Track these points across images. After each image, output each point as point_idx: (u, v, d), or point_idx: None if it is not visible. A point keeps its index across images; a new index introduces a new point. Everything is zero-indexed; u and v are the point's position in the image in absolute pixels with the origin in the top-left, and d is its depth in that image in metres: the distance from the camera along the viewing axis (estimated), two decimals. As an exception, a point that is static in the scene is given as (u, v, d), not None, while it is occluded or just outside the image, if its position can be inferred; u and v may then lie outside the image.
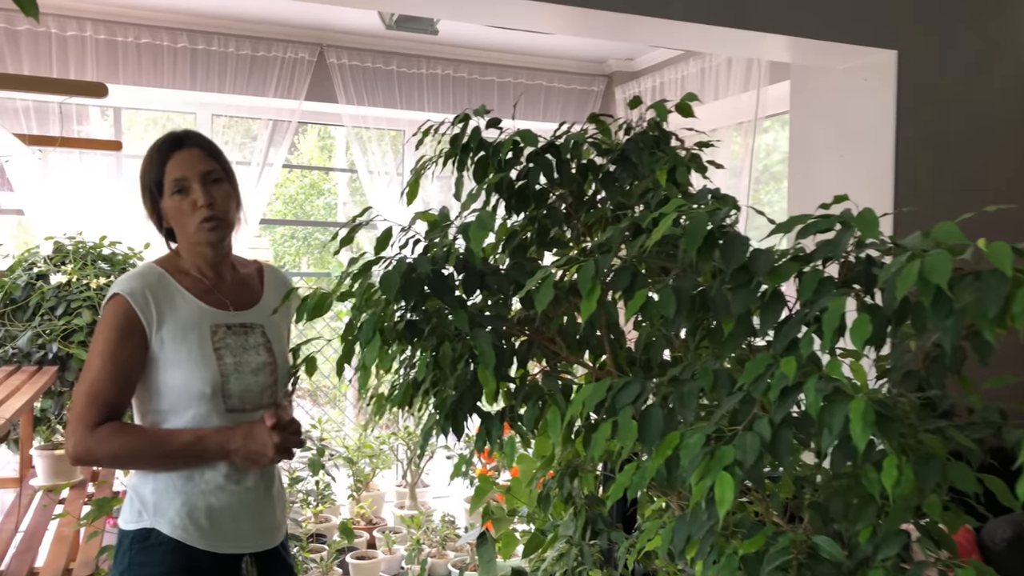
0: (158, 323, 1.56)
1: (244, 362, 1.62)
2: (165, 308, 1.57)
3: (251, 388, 1.62)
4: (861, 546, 1.15)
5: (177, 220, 1.63)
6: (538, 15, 2.63)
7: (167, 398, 1.57)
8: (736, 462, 1.00)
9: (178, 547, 1.54)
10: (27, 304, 3.36)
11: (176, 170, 1.61)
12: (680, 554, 1.37)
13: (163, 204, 1.64)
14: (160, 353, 1.56)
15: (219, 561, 1.57)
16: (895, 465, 0.96)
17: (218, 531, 1.58)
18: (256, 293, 1.75)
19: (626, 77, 5.08)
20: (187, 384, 1.55)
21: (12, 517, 2.56)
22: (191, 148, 1.63)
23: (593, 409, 1.23)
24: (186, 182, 1.61)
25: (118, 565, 1.55)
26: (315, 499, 4.11)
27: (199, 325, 1.60)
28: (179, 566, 1.54)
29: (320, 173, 9.19)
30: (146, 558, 1.53)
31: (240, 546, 1.61)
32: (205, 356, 1.57)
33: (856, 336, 0.96)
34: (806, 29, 2.87)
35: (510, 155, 1.67)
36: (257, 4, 4.07)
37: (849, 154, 3.15)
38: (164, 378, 1.57)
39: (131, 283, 1.57)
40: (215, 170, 1.65)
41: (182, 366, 1.56)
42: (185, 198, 1.61)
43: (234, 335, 1.64)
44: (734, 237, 1.11)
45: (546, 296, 1.24)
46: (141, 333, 1.55)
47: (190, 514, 1.56)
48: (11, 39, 3.90)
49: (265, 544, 1.66)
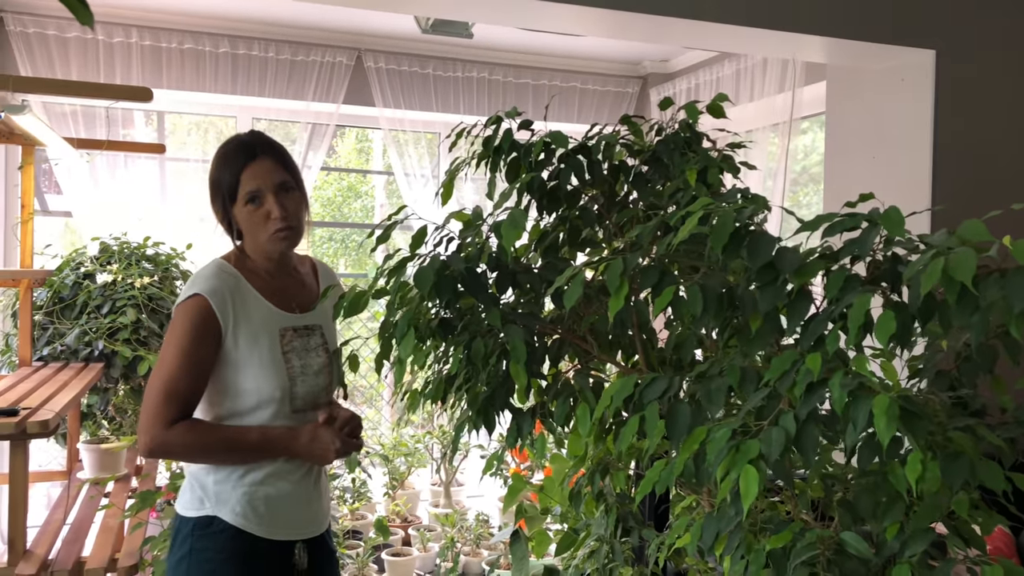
0: (234, 324, 1.61)
1: (308, 364, 1.68)
2: (240, 310, 1.62)
3: (313, 389, 1.69)
4: (888, 543, 1.15)
5: (249, 228, 1.67)
6: (573, 18, 2.65)
7: (237, 399, 1.63)
8: (761, 456, 1.02)
9: (238, 534, 1.60)
10: (74, 302, 3.46)
11: (251, 182, 1.64)
12: (709, 550, 1.39)
13: (235, 211, 1.67)
14: (233, 354, 1.61)
15: (274, 547, 1.64)
16: (919, 460, 0.97)
17: (274, 519, 1.64)
18: (315, 293, 1.81)
19: (661, 79, 5.08)
20: (258, 387, 1.61)
21: (60, 509, 2.64)
22: (265, 158, 1.66)
23: (621, 404, 1.25)
24: (260, 193, 1.65)
25: (178, 549, 1.61)
26: (351, 496, 4.17)
27: (269, 329, 1.65)
28: (239, 552, 1.60)
29: (358, 176, 9.29)
30: (207, 543, 1.60)
31: (293, 533, 1.68)
32: (275, 361, 1.63)
33: (881, 332, 0.97)
34: (843, 29, 2.86)
35: (542, 156, 1.69)
36: (297, 9, 4.15)
37: (885, 155, 3.13)
38: (236, 379, 1.62)
39: (211, 282, 1.61)
40: (288, 180, 1.69)
41: (254, 369, 1.61)
42: (258, 208, 1.65)
43: (299, 338, 1.70)
44: (760, 235, 1.12)
45: (575, 293, 1.27)
46: (217, 332, 1.59)
47: (250, 503, 1.62)
48: (61, 45, 4.01)
49: (314, 531, 1.73)
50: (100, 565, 2.18)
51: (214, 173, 1.69)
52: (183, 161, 4.53)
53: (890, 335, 0.97)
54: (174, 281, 3.68)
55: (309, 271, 1.85)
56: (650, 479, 1.32)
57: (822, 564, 1.19)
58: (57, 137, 3.00)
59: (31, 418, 2.15)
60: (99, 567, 2.18)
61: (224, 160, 1.67)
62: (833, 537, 1.19)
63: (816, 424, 1.05)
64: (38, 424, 2.12)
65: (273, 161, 1.68)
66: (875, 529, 1.21)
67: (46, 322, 3.43)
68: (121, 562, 2.22)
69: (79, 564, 2.19)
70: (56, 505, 2.70)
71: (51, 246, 3.65)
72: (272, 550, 1.64)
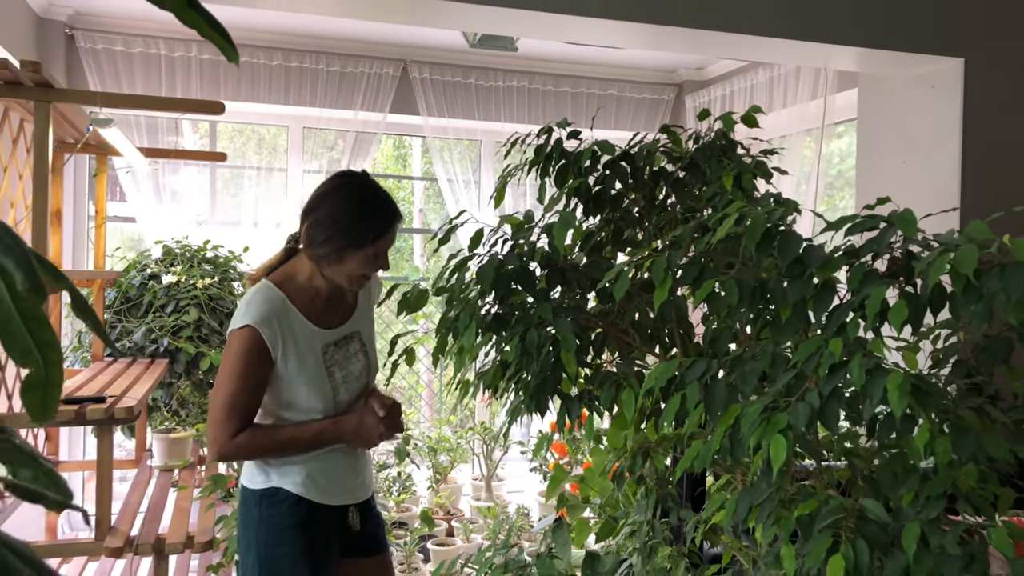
0: (283, 347, 1.79)
1: (349, 372, 1.88)
2: (287, 334, 1.80)
3: (354, 392, 1.91)
4: (904, 510, 1.29)
5: (351, 266, 1.82)
6: (615, 32, 2.81)
7: (289, 409, 1.84)
8: (789, 427, 1.16)
9: (299, 501, 1.82)
10: (141, 302, 3.68)
11: (388, 242, 1.83)
12: (743, 524, 1.54)
13: (352, 255, 1.80)
14: (284, 373, 1.80)
15: (331, 511, 1.87)
16: (928, 430, 1.11)
17: (331, 487, 1.86)
18: (353, 302, 1.98)
19: (696, 86, 5.21)
20: (307, 401, 1.82)
21: (136, 492, 2.85)
22: (398, 223, 1.87)
23: (664, 384, 1.40)
24: (384, 251, 1.85)
25: (248, 517, 1.81)
26: (398, 489, 4.35)
27: (313, 348, 1.83)
28: (302, 517, 1.82)
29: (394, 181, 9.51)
30: (274, 511, 1.81)
31: (346, 498, 1.90)
32: (320, 377, 1.83)
33: (895, 317, 1.12)
34: (874, 39, 2.99)
35: (588, 163, 1.85)
36: (346, 23, 4.35)
37: (915, 160, 3.24)
38: (288, 394, 1.82)
39: (260, 314, 1.76)
40: None
41: (303, 386, 1.81)
42: (373, 262, 1.83)
43: (339, 349, 1.89)
44: (790, 234, 1.27)
45: (623, 286, 1.42)
46: (268, 357, 1.78)
47: (309, 475, 1.83)
48: (127, 60, 4.26)
49: (363, 496, 1.95)
50: (179, 540, 2.38)
51: (350, 215, 1.79)
52: (233, 168, 4.77)
53: (902, 320, 1.11)
54: (232, 282, 3.89)
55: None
56: (689, 456, 1.47)
57: (846, 529, 1.33)
58: (132, 147, 3.22)
59: (117, 404, 2.35)
60: (178, 542, 2.37)
61: (370, 213, 1.80)
62: (855, 505, 1.33)
63: (838, 401, 1.19)
64: (124, 410, 2.32)
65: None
66: (893, 498, 1.35)
67: (115, 320, 3.66)
68: (197, 538, 2.42)
69: (160, 540, 2.39)
70: (132, 489, 2.91)
71: (119, 249, 3.87)
72: (329, 514, 1.86)
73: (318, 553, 1.83)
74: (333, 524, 1.88)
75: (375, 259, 1.83)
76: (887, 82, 3.38)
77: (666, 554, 2.16)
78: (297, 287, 1.85)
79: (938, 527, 1.25)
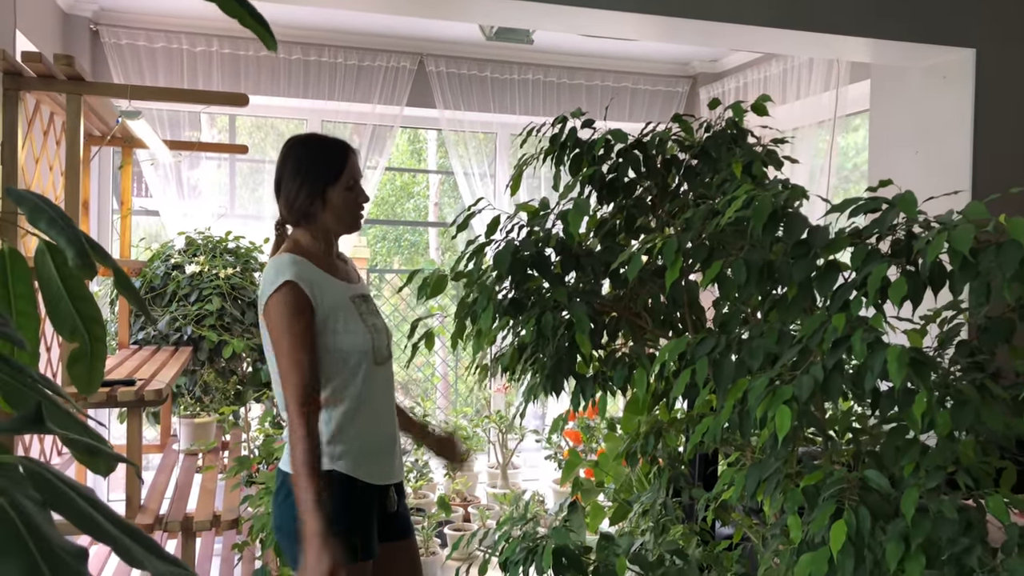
0: (321, 299, 1.86)
1: (375, 324, 1.95)
2: (318, 288, 1.87)
3: (381, 345, 1.95)
4: (905, 480, 1.35)
5: (341, 208, 1.92)
6: (630, 24, 2.86)
7: (338, 360, 1.87)
8: (794, 398, 1.22)
9: (349, 481, 1.86)
10: (165, 291, 3.77)
11: (354, 171, 1.93)
12: (752, 498, 1.59)
13: (330, 193, 1.90)
14: (324, 324, 1.86)
15: (370, 490, 1.90)
16: (924, 399, 1.16)
17: (375, 466, 1.91)
18: (355, 270, 2.08)
19: (710, 78, 5.25)
20: (352, 346, 1.87)
21: (163, 474, 2.93)
22: (355, 154, 1.96)
23: (675, 360, 1.46)
24: (356, 181, 1.93)
25: (284, 497, 1.85)
26: (415, 476, 4.43)
27: (344, 299, 1.91)
28: (351, 497, 1.86)
29: (410, 176, 9.59)
30: (325, 494, 1.78)
31: (388, 478, 1.95)
32: (357, 322, 1.90)
33: (894, 294, 1.17)
34: (886, 31, 3.02)
35: (601, 151, 1.91)
36: (364, 18, 4.42)
37: (928, 150, 3.27)
38: (335, 343, 1.87)
39: (294, 270, 1.84)
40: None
41: (346, 332, 1.87)
42: (353, 193, 1.92)
43: (364, 303, 1.97)
44: (795, 215, 1.33)
45: (635, 266, 1.48)
46: (310, 307, 1.84)
47: (356, 454, 1.88)
48: (149, 55, 4.35)
49: (399, 477, 2.01)
50: (206, 518, 2.46)
51: (314, 161, 1.92)
52: (252, 162, 4.86)
53: (902, 296, 1.17)
54: (253, 272, 3.98)
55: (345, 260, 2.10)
56: (700, 431, 1.53)
57: (849, 500, 1.38)
58: (158, 139, 3.31)
59: (146, 387, 2.43)
60: (205, 520, 2.45)
61: (326, 150, 1.93)
62: (859, 476, 1.38)
63: (841, 374, 1.25)
64: (153, 392, 2.40)
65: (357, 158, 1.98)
66: (896, 471, 1.41)
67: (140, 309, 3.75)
68: (224, 516, 2.50)
69: (188, 518, 2.47)
70: (159, 471, 3.00)
71: (144, 239, 3.96)
72: (374, 493, 1.91)
73: (365, 533, 1.87)
74: (373, 503, 1.91)
75: (354, 188, 1.91)
76: (900, 73, 3.41)
77: (679, 532, 2.22)
78: (305, 252, 1.91)
79: (937, 495, 1.30)
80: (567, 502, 2.92)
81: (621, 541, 2.51)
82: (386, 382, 1.98)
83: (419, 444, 2.31)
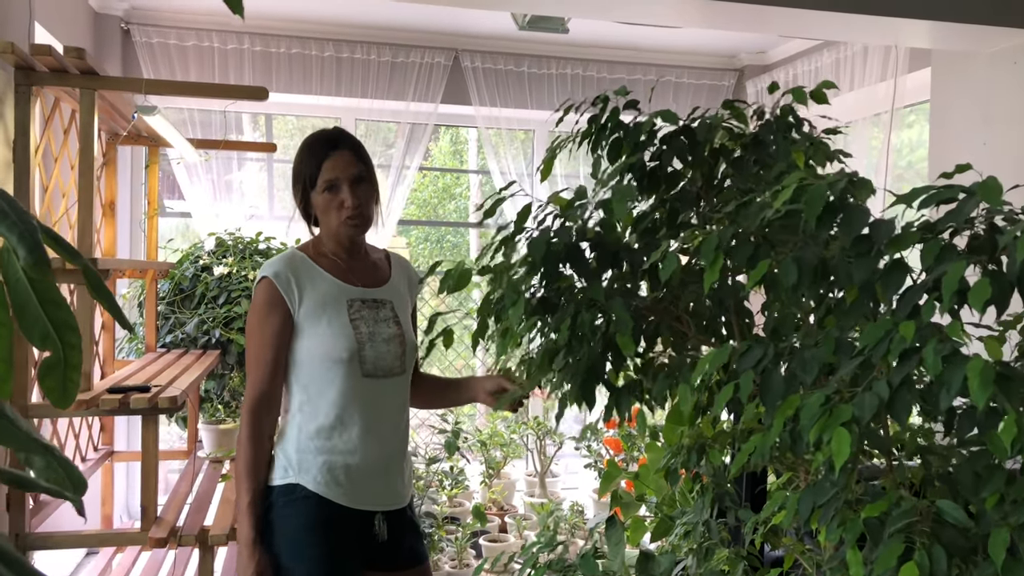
0: (300, 300, 1.75)
1: (377, 332, 1.80)
2: (305, 287, 1.76)
3: (384, 356, 1.80)
4: (988, 513, 1.16)
5: (324, 213, 1.82)
6: (668, 8, 2.69)
7: (313, 365, 1.75)
8: (854, 419, 1.05)
9: (319, 501, 1.71)
10: (193, 293, 3.70)
11: (330, 171, 1.78)
12: (805, 525, 1.41)
13: (313, 197, 1.81)
14: (303, 325, 1.75)
15: (355, 516, 1.74)
16: (1014, 423, 0.98)
17: (355, 488, 1.74)
18: (385, 274, 1.94)
19: (758, 71, 5.03)
20: (328, 351, 1.74)
21: (185, 482, 2.84)
22: (344, 150, 1.81)
23: (718, 370, 1.29)
24: (337, 182, 1.79)
25: (264, 515, 1.72)
26: (450, 483, 4.29)
27: (336, 300, 1.78)
28: (319, 518, 1.71)
29: (452, 178, 9.48)
30: (290, 510, 1.71)
31: (374, 504, 1.77)
32: (343, 326, 1.76)
33: (975, 298, 0.99)
34: (949, 12, 2.80)
35: (642, 137, 1.74)
36: (396, 12, 4.30)
37: (996, 142, 3.04)
38: (310, 346, 1.75)
39: (276, 267, 1.77)
40: (362, 172, 1.83)
41: (323, 336, 1.74)
42: (335, 196, 1.79)
43: (368, 308, 1.83)
44: (855, 207, 1.15)
45: (670, 265, 1.31)
46: (284, 306, 1.74)
47: (330, 471, 1.73)
48: (180, 53, 4.29)
49: (395, 504, 1.82)
50: (222, 532, 2.34)
51: (298, 162, 1.84)
52: (289, 162, 4.78)
53: (985, 300, 0.98)
54: (284, 274, 3.88)
55: (382, 258, 1.98)
56: (746, 451, 1.35)
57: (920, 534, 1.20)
58: (180, 136, 3.22)
59: (161, 394, 2.33)
60: (221, 533, 2.34)
61: (308, 150, 1.82)
62: (930, 507, 1.20)
63: (910, 391, 1.07)
64: (167, 399, 2.30)
65: (351, 154, 1.82)
66: (975, 501, 1.22)
67: (168, 312, 3.68)
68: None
69: (204, 531, 2.36)
70: (181, 479, 2.90)
71: (173, 240, 3.90)
72: (352, 519, 1.74)
73: (337, 561, 1.72)
74: (357, 532, 1.76)
75: (333, 190, 1.78)
76: (963, 59, 3.18)
77: (723, 556, 2.04)
78: (319, 251, 1.85)
79: (1026, 534, 1.11)
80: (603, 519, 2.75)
81: (662, 560, 2.33)
82: (387, 398, 1.82)
83: (471, 401, 2.10)
